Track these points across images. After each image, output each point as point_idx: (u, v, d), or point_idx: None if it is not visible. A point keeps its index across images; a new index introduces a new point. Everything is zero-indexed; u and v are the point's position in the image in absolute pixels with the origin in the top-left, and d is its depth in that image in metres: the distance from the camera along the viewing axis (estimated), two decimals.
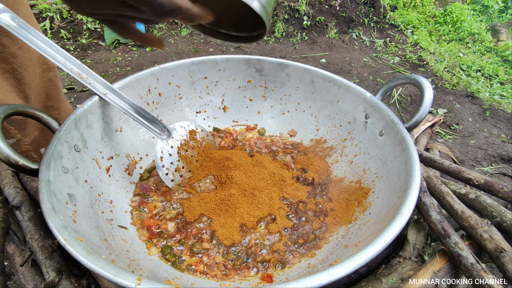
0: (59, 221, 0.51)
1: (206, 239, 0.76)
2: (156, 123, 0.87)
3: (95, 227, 0.65)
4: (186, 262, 0.71)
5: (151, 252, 0.72)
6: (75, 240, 0.48)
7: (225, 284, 0.67)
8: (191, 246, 0.74)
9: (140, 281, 0.43)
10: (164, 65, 1.03)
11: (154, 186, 0.90)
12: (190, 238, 0.76)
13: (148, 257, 0.71)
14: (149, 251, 0.73)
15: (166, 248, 0.73)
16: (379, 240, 0.50)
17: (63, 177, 0.65)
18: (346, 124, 0.99)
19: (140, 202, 0.85)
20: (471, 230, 0.56)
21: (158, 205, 0.85)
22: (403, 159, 0.72)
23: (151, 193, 0.88)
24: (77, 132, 0.77)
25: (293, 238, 0.77)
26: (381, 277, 0.55)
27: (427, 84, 0.79)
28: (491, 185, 0.67)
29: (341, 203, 0.85)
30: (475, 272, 0.47)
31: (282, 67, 1.09)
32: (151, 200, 0.86)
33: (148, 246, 0.74)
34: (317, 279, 0.44)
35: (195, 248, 0.73)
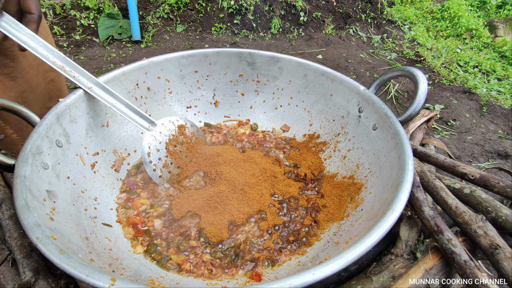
0: (32, 218, 0.48)
1: (193, 237, 0.73)
2: (143, 118, 0.85)
3: (76, 224, 0.62)
4: (172, 261, 0.68)
5: (136, 251, 0.70)
6: (48, 239, 0.46)
7: (211, 284, 0.64)
8: (178, 244, 0.71)
9: (114, 281, 0.40)
10: (152, 58, 1.00)
11: (141, 182, 0.88)
12: (177, 235, 0.74)
13: (132, 255, 0.68)
14: (134, 250, 0.70)
15: (151, 246, 0.71)
16: (369, 238, 0.47)
17: (42, 173, 0.63)
18: (340, 118, 0.97)
19: (127, 199, 0.83)
20: (465, 226, 0.54)
21: (145, 201, 0.82)
22: (396, 153, 0.69)
23: (138, 190, 0.86)
24: (60, 127, 0.74)
25: (283, 236, 0.75)
26: (372, 276, 0.52)
27: (421, 76, 0.76)
28: (486, 179, 0.65)
29: (333, 199, 0.83)
30: (469, 270, 0.45)
31: (274, 60, 1.06)
32: (138, 197, 0.83)
33: (133, 244, 0.72)
34: (302, 278, 0.42)
35: (181, 246, 0.71)
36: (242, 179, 0.84)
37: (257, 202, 0.79)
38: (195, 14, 3.62)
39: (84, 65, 2.80)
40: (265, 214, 0.78)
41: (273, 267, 0.69)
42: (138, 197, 0.83)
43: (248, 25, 3.64)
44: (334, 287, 0.55)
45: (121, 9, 3.33)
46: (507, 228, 0.53)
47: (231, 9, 3.60)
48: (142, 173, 0.91)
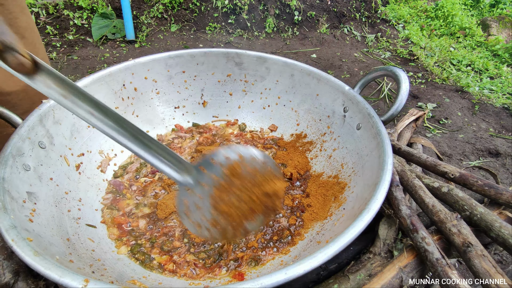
0: (8, 220, 0.48)
1: (177, 237, 0.74)
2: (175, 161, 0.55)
3: (57, 226, 0.63)
4: (155, 261, 0.69)
5: (120, 251, 0.70)
6: (23, 241, 0.46)
7: (194, 283, 0.65)
8: (161, 244, 0.72)
9: (87, 282, 0.41)
10: (139, 59, 1.00)
11: (127, 183, 0.88)
12: (161, 236, 0.74)
13: (116, 256, 0.69)
14: (118, 250, 0.71)
15: (135, 246, 0.71)
16: (343, 237, 0.48)
17: (22, 174, 0.63)
18: (326, 118, 0.97)
19: (113, 199, 0.83)
20: (441, 224, 0.54)
21: (130, 202, 0.83)
22: (377, 153, 0.70)
23: (124, 191, 0.86)
24: (43, 128, 0.74)
25: (268, 235, 0.75)
26: (349, 274, 0.53)
27: (403, 75, 0.77)
28: (465, 178, 0.66)
29: (318, 199, 0.83)
30: (440, 268, 0.46)
31: (261, 60, 1.06)
32: (123, 198, 0.83)
33: (118, 245, 0.72)
34: (274, 277, 0.42)
35: (165, 247, 0.71)
36: None
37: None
38: (189, 14, 3.61)
39: (78, 65, 2.80)
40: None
41: (256, 266, 0.69)
42: (124, 198, 0.83)
43: (242, 24, 3.64)
44: (313, 286, 0.55)
45: (115, 9, 3.31)
46: (481, 226, 0.54)
47: (225, 8, 3.60)
48: (128, 173, 0.91)
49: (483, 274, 0.44)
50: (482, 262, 0.45)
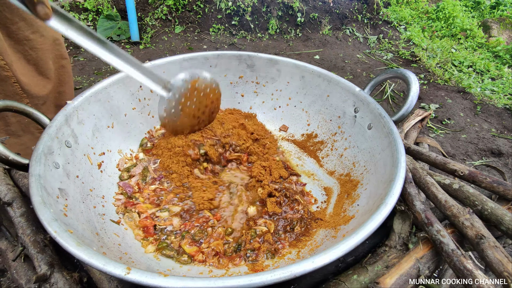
0: (49, 214, 0.51)
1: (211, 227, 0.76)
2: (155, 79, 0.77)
3: (87, 221, 0.66)
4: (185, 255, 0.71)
5: (147, 250, 0.72)
6: (65, 232, 0.49)
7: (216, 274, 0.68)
8: (193, 235, 0.74)
9: (129, 270, 0.44)
10: (155, 61, 1.03)
11: (137, 187, 0.88)
12: (193, 227, 0.76)
13: (141, 249, 0.72)
14: (146, 249, 0.72)
15: (162, 243, 0.73)
16: (363, 229, 0.51)
17: (53, 172, 0.66)
18: (336, 118, 1.00)
19: (126, 202, 0.83)
20: (454, 219, 0.58)
21: (149, 206, 0.83)
22: (389, 151, 0.73)
23: (137, 194, 0.86)
24: (68, 128, 0.77)
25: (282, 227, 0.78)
26: (367, 265, 0.56)
27: (413, 77, 0.80)
28: (474, 175, 0.69)
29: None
30: (455, 258, 0.49)
31: (272, 62, 1.10)
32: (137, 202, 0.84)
33: (144, 244, 0.73)
34: (302, 266, 0.45)
35: (196, 237, 0.73)
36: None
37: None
38: (193, 15, 3.65)
39: (84, 66, 2.83)
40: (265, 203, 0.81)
41: (273, 259, 0.72)
42: (138, 202, 0.83)
43: (246, 26, 3.67)
44: (332, 277, 0.58)
45: (120, 11, 3.35)
46: (492, 220, 0.57)
47: (229, 10, 3.63)
48: (134, 177, 0.91)
49: (496, 264, 0.47)
50: (495, 253, 0.48)
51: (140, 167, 0.92)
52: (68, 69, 1.24)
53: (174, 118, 0.83)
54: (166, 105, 0.80)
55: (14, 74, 1.04)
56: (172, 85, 0.79)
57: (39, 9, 0.52)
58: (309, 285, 0.58)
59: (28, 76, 1.09)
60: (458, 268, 0.48)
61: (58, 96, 1.23)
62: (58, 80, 1.21)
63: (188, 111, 0.85)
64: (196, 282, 0.43)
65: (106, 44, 0.67)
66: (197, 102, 0.85)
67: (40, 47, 1.09)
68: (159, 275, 0.44)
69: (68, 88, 1.27)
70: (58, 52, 1.19)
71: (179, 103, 0.81)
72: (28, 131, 1.18)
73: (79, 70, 2.78)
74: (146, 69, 0.74)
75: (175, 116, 0.83)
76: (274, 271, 0.45)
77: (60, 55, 1.20)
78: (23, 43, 1.05)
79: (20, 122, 1.14)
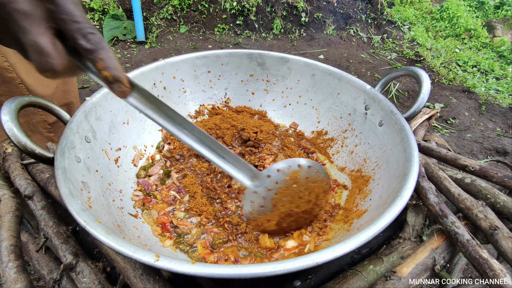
0: (77, 205, 0.53)
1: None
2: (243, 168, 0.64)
3: (108, 213, 0.67)
4: (197, 253, 0.72)
5: (165, 245, 0.73)
6: (95, 222, 0.51)
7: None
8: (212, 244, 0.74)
9: (158, 257, 0.45)
10: (168, 59, 1.05)
11: (155, 186, 0.90)
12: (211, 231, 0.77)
13: (159, 243, 0.73)
14: (163, 244, 0.73)
15: (178, 238, 0.74)
16: (381, 220, 0.53)
17: (76, 165, 0.68)
18: (347, 115, 1.02)
19: (144, 199, 0.84)
20: (467, 211, 0.59)
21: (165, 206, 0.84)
22: (402, 147, 0.75)
23: (155, 192, 0.87)
24: (87, 124, 0.79)
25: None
26: (383, 256, 0.58)
27: (425, 75, 0.82)
28: (485, 171, 0.70)
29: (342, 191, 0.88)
30: (471, 248, 0.50)
31: (283, 61, 1.11)
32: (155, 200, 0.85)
33: (162, 239, 0.75)
34: (324, 254, 0.47)
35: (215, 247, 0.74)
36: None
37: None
38: (198, 15, 3.67)
39: None
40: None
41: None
42: (156, 200, 0.85)
43: (250, 25, 3.69)
44: (348, 267, 0.60)
45: (125, 10, 3.38)
46: (504, 213, 0.59)
47: (233, 10, 3.66)
48: (153, 176, 0.92)
49: (510, 254, 0.49)
50: (509, 243, 0.50)
51: (158, 167, 0.94)
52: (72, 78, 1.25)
53: (263, 215, 0.70)
54: (253, 199, 0.67)
55: (18, 75, 1.03)
56: (263, 176, 0.65)
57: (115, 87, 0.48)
58: (326, 275, 0.60)
59: (31, 76, 1.09)
60: (473, 257, 0.50)
61: (63, 95, 1.24)
62: (62, 80, 1.22)
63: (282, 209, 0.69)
64: (222, 269, 0.45)
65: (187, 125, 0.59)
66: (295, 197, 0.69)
67: None
68: (187, 262, 0.46)
69: (73, 86, 1.27)
70: None
71: (272, 199, 0.67)
72: (36, 131, 1.19)
73: None
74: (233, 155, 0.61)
75: (265, 212, 0.69)
76: (297, 259, 0.46)
77: None
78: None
79: (28, 123, 1.15)
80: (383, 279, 0.51)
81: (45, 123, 1.19)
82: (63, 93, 1.25)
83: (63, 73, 0.43)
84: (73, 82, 1.28)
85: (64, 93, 1.26)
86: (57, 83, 1.20)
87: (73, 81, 1.28)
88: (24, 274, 0.56)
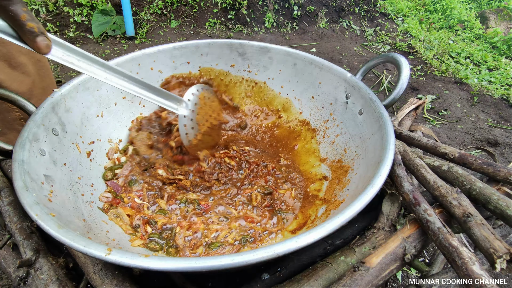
0: (31, 198, 0.51)
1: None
2: (170, 98, 0.80)
3: (73, 208, 0.65)
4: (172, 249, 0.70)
5: (134, 244, 0.71)
6: (47, 215, 0.48)
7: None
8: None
9: (110, 251, 0.43)
10: (144, 50, 1.02)
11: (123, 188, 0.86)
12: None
13: (128, 238, 0.71)
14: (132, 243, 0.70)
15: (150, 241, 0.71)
16: (349, 209, 0.50)
17: (39, 158, 0.65)
18: (328, 105, 0.99)
19: (113, 200, 0.80)
20: (442, 199, 0.57)
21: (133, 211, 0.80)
22: (379, 135, 0.72)
23: (123, 194, 0.83)
24: (55, 116, 0.76)
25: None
26: (355, 247, 0.56)
27: (404, 61, 0.79)
28: (464, 158, 0.68)
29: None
30: (441, 235, 0.48)
31: (264, 50, 1.08)
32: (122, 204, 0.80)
33: (132, 239, 0.72)
34: (286, 245, 0.45)
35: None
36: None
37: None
38: (188, 10, 3.62)
39: None
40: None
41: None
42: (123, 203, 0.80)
43: (242, 19, 3.65)
44: (321, 259, 0.58)
45: (115, 5, 3.32)
46: (480, 200, 0.57)
47: (224, 4, 3.61)
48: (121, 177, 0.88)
49: (482, 241, 0.47)
50: (481, 230, 0.48)
51: (126, 170, 0.88)
52: (44, 63, 1.20)
53: (195, 135, 0.86)
54: (186, 122, 0.82)
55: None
56: (186, 102, 0.82)
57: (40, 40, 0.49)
58: (297, 268, 0.58)
59: (2, 72, 1.06)
60: (443, 246, 0.47)
61: (43, 92, 1.20)
62: (38, 76, 1.18)
63: (203, 127, 0.88)
64: (177, 262, 0.43)
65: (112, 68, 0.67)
66: (207, 115, 0.89)
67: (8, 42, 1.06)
68: (140, 255, 0.43)
69: (50, 82, 1.24)
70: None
71: (196, 119, 0.84)
72: (13, 128, 1.16)
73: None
74: (159, 89, 0.76)
75: (195, 132, 0.86)
76: (256, 251, 0.44)
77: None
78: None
79: (3, 120, 1.12)
80: (351, 270, 0.49)
81: (21, 120, 1.16)
82: (43, 90, 1.22)
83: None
84: (49, 78, 1.25)
85: (44, 90, 1.23)
86: (32, 79, 1.16)
87: (49, 76, 1.24)
88: None
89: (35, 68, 1.17)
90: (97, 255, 0.43)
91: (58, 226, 0.46)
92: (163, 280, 0.67)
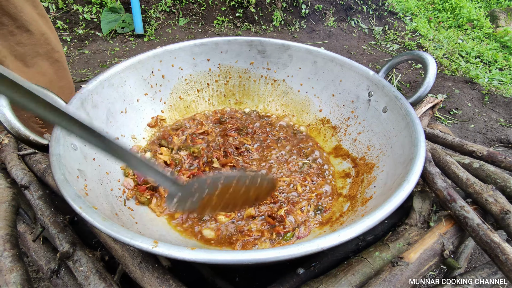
0: (72, 191, 0.52)
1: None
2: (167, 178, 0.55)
3: (106, 202, 0.66)
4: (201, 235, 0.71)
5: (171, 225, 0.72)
6: (90, 208, 0.49)
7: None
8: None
9: (156, 243, 0.44)
10: (167, 47, 1.02)
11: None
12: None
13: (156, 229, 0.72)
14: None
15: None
16: (388, 204, 0.51)
17: (72, 153, 0.66)
18: (349, 103, 1.00)
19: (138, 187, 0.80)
20: (476, 196, 0.57)
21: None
22: (407, 132, 0.72)
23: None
24: (84, 111, 0.77)
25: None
26: (389, 243, 0.56)
27: (430, 59, 0.79)
28: (494, 156, 0.68)
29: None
30: (481, 232, 0.49)
31: (284, 48, 1.09)
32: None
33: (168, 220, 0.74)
34: (329, 239, 0.45)
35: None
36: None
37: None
38: (197, 8, 3.62)
39: (89, 59, 2.82)
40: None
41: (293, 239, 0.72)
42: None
43: (250, 18, 3.64)
44: (353, 255, 0.58)
45: (124, 3, 3.33)
46: None
47: (233, 2, 3.60)
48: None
49: None
50: None
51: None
52: (62, 63, 1.21)
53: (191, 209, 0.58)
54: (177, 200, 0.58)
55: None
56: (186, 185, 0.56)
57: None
58: (330, 263, 0.59)
59: (19, 71, 1.06)
60: (484, 242, 0.48)
61: (59, 91, 1.21)
62: (55, 76, 1.19)
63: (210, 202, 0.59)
64: (223, 254, 0.43)
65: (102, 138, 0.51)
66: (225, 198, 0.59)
67: (26, 42, 1.05)
68: (187, 248, 0.44)
69: (67, 82, 1.25)
70: (48, 47, 1.15)
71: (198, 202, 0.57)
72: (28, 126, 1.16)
73: (84, 63, 2.78)
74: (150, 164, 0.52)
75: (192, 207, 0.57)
76: (300, 244, 0.45)
77: (51, 49, 1.16)
78: (8, 39, 1.01)
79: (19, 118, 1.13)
80: (390, 265, 0.50)
81: (36, 118, 1.16)
82: (60, 89, 1.23)
83: None
84: (67, 78, 1.25)
85: (61, 89, 1.23)
86: (49, 78, 1.16)
87: (66, 76, 1.25)
88: (20, 263, 0.55)
89: (52, 68, 1.17)
90: (144, 248, 0.44)
91: (102, 219, 0.47)
92: (190, 272, 0.68)
